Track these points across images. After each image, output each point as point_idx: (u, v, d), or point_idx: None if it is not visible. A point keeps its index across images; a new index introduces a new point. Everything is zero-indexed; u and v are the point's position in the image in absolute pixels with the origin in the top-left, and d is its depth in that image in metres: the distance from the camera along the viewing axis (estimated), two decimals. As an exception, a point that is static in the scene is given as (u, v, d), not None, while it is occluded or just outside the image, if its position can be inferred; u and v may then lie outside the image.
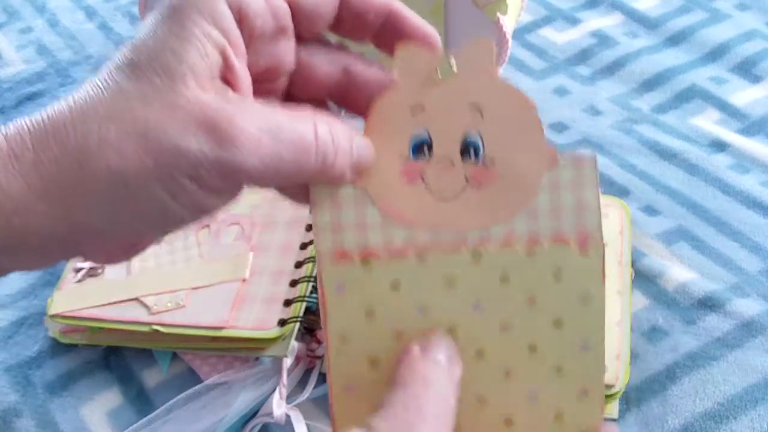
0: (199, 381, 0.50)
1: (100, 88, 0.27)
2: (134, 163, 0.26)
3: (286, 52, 0.31)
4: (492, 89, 0.30)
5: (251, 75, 0.29)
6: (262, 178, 0.28)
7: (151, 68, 0.27)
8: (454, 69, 0.30)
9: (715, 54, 0.73)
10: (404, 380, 0.30)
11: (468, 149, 0.30)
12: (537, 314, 0.31)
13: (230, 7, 0.28)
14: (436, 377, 0.30)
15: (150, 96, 0.26)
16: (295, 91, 0.32)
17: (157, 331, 0.50)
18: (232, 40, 0.28)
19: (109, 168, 0.26)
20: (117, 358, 0.53)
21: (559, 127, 0.68)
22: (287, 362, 0.49)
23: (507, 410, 0.32)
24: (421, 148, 0.30)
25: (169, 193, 0.27)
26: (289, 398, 0.49)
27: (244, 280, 0.51)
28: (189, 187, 0.27)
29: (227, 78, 0.28)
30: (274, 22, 0.29)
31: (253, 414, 0.48)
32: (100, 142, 0.26)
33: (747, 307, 0.52)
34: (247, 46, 0.29)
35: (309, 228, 0.54)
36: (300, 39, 0.31)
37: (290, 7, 0.30)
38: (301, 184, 0.30)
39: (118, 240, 0.29)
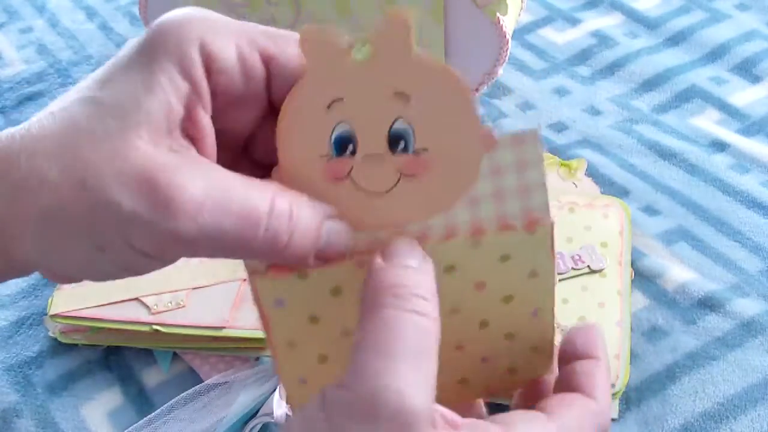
0: (200, 381, 0.50)
1: (57, 119, 0.26)
2: (68, 207, 0.25)
3: (251, 118, 0.29)
4: (416, 72, 0.26)
5: (217, 130, 0.27)
6: (199, 248, 0.25)
7: (111, 109, 0.25)
8: (369, 52, 0.26)
9: (715, 54, 0.73)
10: (370, 303, 0.26)
11: (397, 140, 0.27)
12: (486, 296, 0.30)
13: (201, 55, 0.26)
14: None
15: (99, 139, 0.25)
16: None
17: (157, 331, 0.50)
18: (199, 91, 0.26)
19: (42, 208, 0.25)
20: (117, 358, 0.53)
21: (559, 127, 0.68)
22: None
23: (460, 374, 0.32)
24: (345, 144, 0.27)
25: (96, 246, 0.25)
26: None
27: (244, 280, 0.51)
28: (117, 244, 0.25)
29: (189, 132, 0.26)
30: (243, 84, 0.27)
31: (254, 414, 0.48)
32: (40, 181, 0.25)
33: (747, 307, 0.52)
34: (213, 98, 0.27)
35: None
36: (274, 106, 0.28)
37: (268, 72, 0.28)
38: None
39: (58, 276, 0.28)
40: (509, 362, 0.32)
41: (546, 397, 0.30)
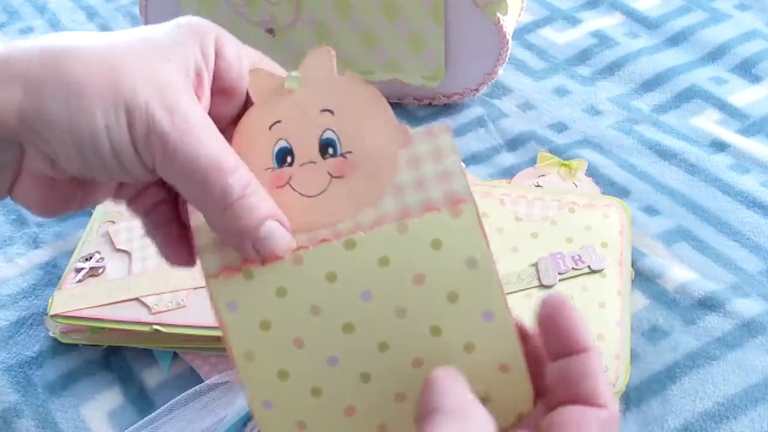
0: (200, 381, 0.50)
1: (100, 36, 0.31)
2: (95, 80, 0.29)
3: (230, 108, 0.33)
4: (336, 89, 0.32)
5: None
6: (174, 162, 0.30)
7: (148, 39, 0.31)
8: (300, 81, 0.32)
9: (715, 54, 0.73)
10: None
11: (326, 148, 0.32)
12: (428, 292, 0.30)
13: (214, 45, 0.32)
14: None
15: (138, 51, 0.30)
16: None
17: (157, 331, 0.50)
18: (208, 64, 0.32)
19: (72, 74, 0.29)
20: (117, 358, 0.53)
21: (559, 127, 0.68)
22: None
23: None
24: (284, 157, 0.32)
25: (102, 118, 0.29)
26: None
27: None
28: (118, 124, 0.29)
29: (196, 93, 0.31)
30: (235, 77, 0.33)
31: (254, 414, 0.48)
32: (74, 55, 0.30)
33: (747, 307, 0.52)
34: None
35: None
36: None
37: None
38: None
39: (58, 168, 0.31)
40: (478, 386, 0.30)
41: (537, 413, 0.29)
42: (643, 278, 0.55)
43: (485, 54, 0.67)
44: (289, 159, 0.32)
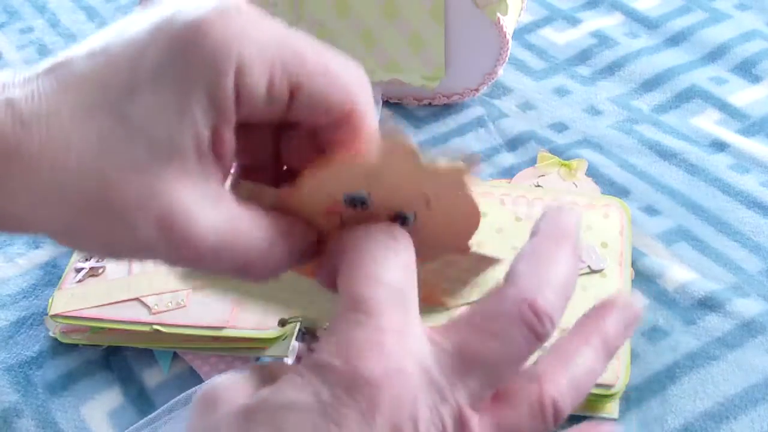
0: (200, 381, 0.50)
1: (81, 121, 0.25)
2: (88, 223, 0.26)
3: (262, 135, 0.30)
4: (441, 186, 0.28)
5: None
6: (200, 269, 0.29)
7: (139, 134, 0.25)
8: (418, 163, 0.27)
9: (715, 54, 0.73)
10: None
11: (398, 218, 0.29)
12: None
13: (234, 84, 0.26)
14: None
15: (127, 167, 0.25)
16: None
17: (157, 330, 0.50)
18: (228, 119, 0.26)
19: (63, 217, 0.26)
20: (117, 358, 0.53)
21: (559, 127, 0.68)
22: (288, 362, 0.49)
23: None
24: (354, 203, 0.29)
25: (105, 247, 0.27)
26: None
27: (244, 280, 0.52)
28: (124, 251, 0.27)
29: (214, 150, 0.27)
30: (265, 112, 0.27)
31: (254, 414, 0.48)
32: (60, 197, 0.25)
33: (747, 307, 0.52)
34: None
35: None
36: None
37: (292, 97, 0.28)
38: None
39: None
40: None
41: None
42: (643, 278, 0.54)
43: (485, 54, 0.67)
44: (358, 207, 0.29)
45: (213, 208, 0.26)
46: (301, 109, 0.28)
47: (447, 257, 0.30)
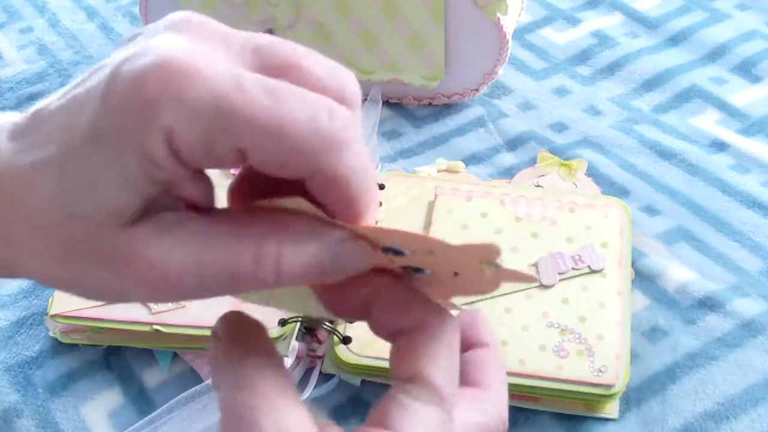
0: (200, 381, 0.50)
1: (42, 177, 0.26)
2: (58, 274, 0.27)
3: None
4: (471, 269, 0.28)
5: None
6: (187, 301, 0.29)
7: (82, 191, 0.25)
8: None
9: (715, 54, 0.73)
10: None
11: (413, 268, 0.29)
12: None
13: (166, 147, 0.24)
14: None
15: (77, 219, 0.26)
16: None
17: (157, 330, 0.50)
18: (172, 172, 0.25)
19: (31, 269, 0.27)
20: (117, 358, 0.53)
21: (559, 127, 0.68)
22: (287, 362, 0.49)
23: None
24: (390, 251, 0.28)
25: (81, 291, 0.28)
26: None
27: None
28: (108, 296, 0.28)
29: (183, 194, 0.26)
30: (212, 165, 0.26)
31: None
32: (30, 253, 0.27)
33: (747, 307, 0.52)
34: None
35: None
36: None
37: (245, 159, 0.25)
38: None
39: None
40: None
41: None
42: (643, 278, 0.54)
43: (485, 54, 0.67)
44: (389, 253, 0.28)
45: (175, 243, 0.26)
46: (259, 167, 0.26)
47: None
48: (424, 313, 0.29)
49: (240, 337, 0.28)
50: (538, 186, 0.61)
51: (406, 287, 0.30)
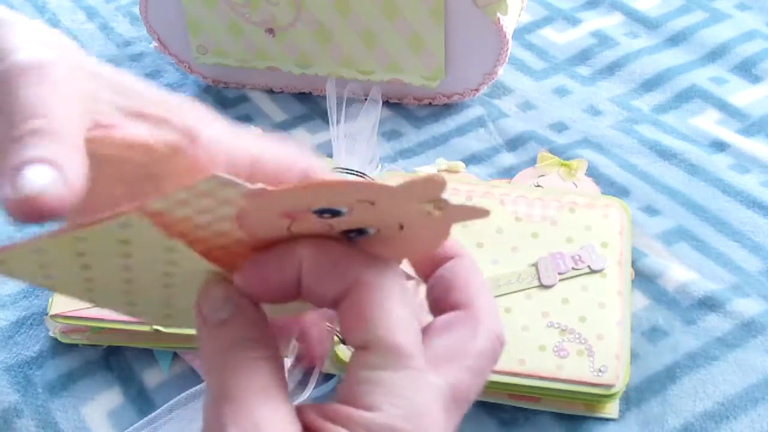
0: (200, 381, 0.50)
1: None
2: None
3: None
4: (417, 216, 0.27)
5: None
6: None
7: None
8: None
9: (715, 54, 0.73)
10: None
11: (355, 231, 0.28)
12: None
13: None
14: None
15: None
16: None
17: (157, 330, 0.50)
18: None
19: None
20: (118, 358, 0.53)
21: (559, 127, 0.68)
22: (287, 362, 0.49)
23: None
24: (326, 212, 0.26)
25: None
26: (290, 398, 0.49)
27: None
28: None
29: None
30: None
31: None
32: None
33: (747, 307, 0.52)
34: None
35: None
36: None
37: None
38: None
39: None
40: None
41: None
42: (643, 278, 0.55)
43: (485, 54, 0.67)
44: (325, 216, 0.26)
45: None
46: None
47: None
48: (358, 269, 0.27)
49: (229, 321, 0.27)
50: (538, 186, 0.61)
51: (331, 249, 0.27)
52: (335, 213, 0.26)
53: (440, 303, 0.30)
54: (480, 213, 0.26)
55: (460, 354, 0.28)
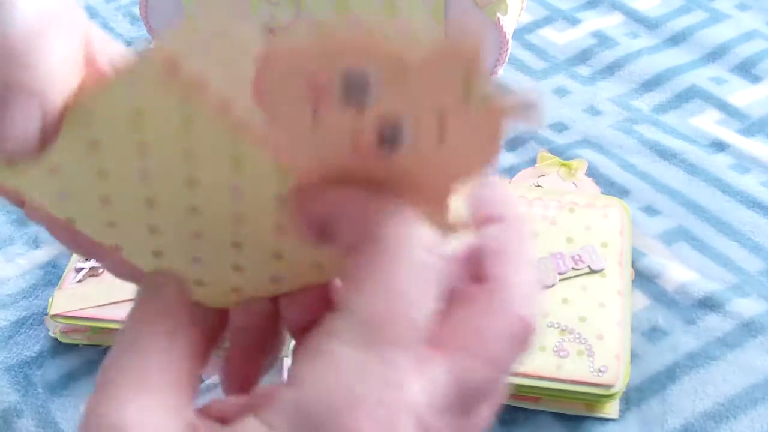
0: (200, 381, 0.50)
1: None
2: None
3: None
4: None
5: None
6: None
7: None
8: None
9: (715, 54, 0.73)
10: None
11: (387, 132, 0.22)
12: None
13: None
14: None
15: None
16: None
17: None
18: None
19: None
20: (118, 358, 0.53)
21: (559, 127, 0.68)
22: (287, 362, 0.49)
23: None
24: (351, 90, 0.21)
25: None
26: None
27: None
28: None
29: None
30: None
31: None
32: None
33: (747, 307, 0.52)
34: None
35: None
36: None
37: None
38: None
39: None
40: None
41: None
42: (643, 278, 0.55)
43: (485, 54, 0.67)
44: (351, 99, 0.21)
45: None
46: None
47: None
48: (374, 224, 0.22)
49: (148, 297, 0.25)
50: (538, 186, 0.61)
51: (357, 195, 0.23)
52: (363, 90, 0.21)
53: (472, 276, 0.24)
54: (533, 111, 0.21)
55: (470, 336, 0.23)
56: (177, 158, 0.24)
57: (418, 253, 0.22)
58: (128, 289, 0.28)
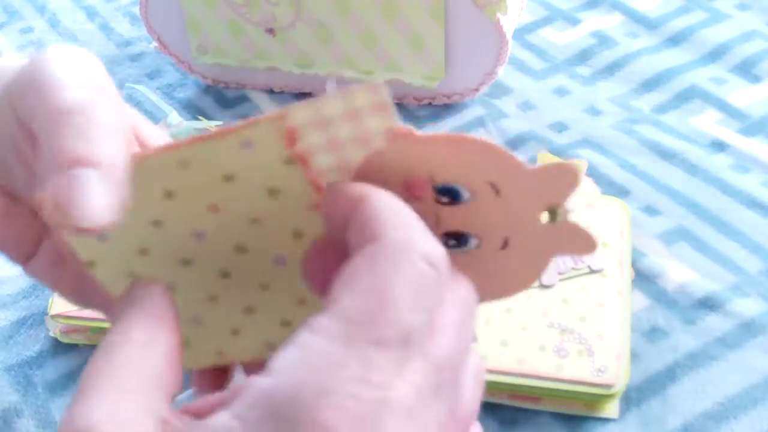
0: (200, 381, 0.50)
1: None
2: None
3: None
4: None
5: None
6: None
7: None
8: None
9: (715, 54, 0.73)
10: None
11: (454, 238, 0.25)
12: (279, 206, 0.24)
13: None
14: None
15: None
16: None
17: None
18: None
19: None
20: (118, 358, 0.53)
21: (559, 127, 0.68)
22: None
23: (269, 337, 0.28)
24: (447, 193, 0.24)
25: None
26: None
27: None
28: None
29: None
30: None
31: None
32: None
33: (747, 307, 0.52)
34: None
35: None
36: None
37: None
38: None
39: None
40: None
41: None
42: (643, 278, 0.55)
43: (485, 54, 0.67)
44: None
45: None
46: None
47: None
48: (376, 228, 0.22)
49: (129, 304, 0.25)
50: (538, 186, 0.61)
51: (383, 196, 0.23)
52: (455, 196, 0.23)
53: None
54: (589, 244, 0.22)
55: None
56: (240, 225, 0.24)
57: (418, 262, 0.22)
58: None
